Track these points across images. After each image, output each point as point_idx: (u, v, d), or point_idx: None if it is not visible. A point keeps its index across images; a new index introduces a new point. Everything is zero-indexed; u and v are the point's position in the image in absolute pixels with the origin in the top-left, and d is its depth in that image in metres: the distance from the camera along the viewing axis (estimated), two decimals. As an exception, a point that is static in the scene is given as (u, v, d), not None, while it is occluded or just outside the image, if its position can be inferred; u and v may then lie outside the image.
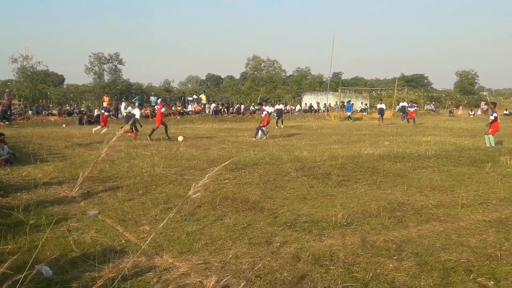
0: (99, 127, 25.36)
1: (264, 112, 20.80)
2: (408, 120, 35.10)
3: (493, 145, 16.71)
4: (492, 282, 4.45)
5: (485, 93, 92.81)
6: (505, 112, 52.72)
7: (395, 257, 5.17)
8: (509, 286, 4.36)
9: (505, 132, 23.92)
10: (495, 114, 17.56)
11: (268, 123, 20.89)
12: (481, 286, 4.37)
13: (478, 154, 13.95)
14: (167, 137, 19.93)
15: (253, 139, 20.11)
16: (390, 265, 4.95)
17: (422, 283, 4.44)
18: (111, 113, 30.40)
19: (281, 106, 32.24)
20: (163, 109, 21.20)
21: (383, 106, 35.54)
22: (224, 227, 6.46)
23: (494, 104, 19.51)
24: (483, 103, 60.77)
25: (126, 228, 6.46)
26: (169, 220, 6.63)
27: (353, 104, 44.76)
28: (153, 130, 20.23)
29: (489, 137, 17.00)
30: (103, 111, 27.52)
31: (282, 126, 29.78)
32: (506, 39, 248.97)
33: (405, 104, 39.39)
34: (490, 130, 17.20)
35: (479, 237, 5.91)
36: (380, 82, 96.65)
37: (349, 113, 41.73)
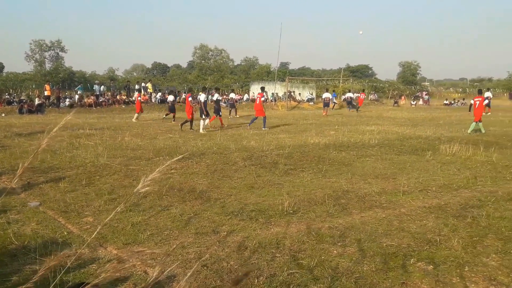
0: (136, 115, 25.61)
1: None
2: (357, 109, 37.24)
3: (483, 131, 17.76)
4: (431, 266, 4.62)
5: (426, 83, 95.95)
6: (445, 102, 54.80)
7: (339, 244, 5.28)
8: (447, 269, 4.53)
9: (446, 121, 24.88)
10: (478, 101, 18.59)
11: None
12: (421, 270, 4.53)
13: (419, 142, 14.42)
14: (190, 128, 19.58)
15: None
16: (334, 251, 5.05)
17: (365, 268, 4.55)
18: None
19: (233, 96, 32.39)
20: (190, 99, 20.67)
21: (328, 95, 36.28)
22: (170, 217, 6.39)
23: (480, 91, 20.69)
24: (424, 93, 62.73)
25: (68, 219, 6.28)
26: (114, 211, 6.51)
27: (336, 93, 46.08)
28: (186, 121, 19.85)
29: (478, 124, 18.02)
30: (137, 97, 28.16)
31: (236, 116, 29.83)
32: (447, 31, 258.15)
33: (351, 94, 40.67)
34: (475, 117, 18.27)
35: (419, 223, 6.11)
36: (326, 72, 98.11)
37: (334, 100, 43.24)
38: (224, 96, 46.00)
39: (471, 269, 4.54)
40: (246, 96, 48.32)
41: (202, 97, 20.09)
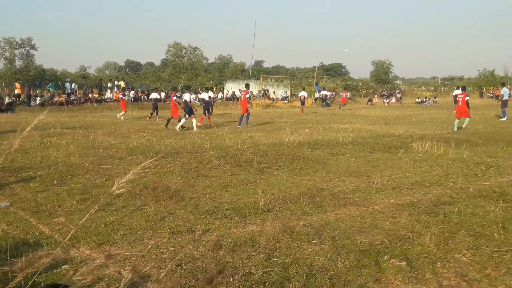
0: (122, 112, 25.52)
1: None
2: (341, 106, 39.37)
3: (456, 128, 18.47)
4: (404, 262, 4.66)
5: (399, 82, 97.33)
6: (417, 100, 55.65)
7: (314, 241, 5.30)
8: (420, 266, 4.58)
9: (418, 119, 25.25)
10: (467, 98, 19.23)
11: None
12: (394, 266, 4.57)
13: (392, 140, 14.60)
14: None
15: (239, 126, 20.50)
16: (309, 249, 5.06)
17: (339, 266, 4.57)
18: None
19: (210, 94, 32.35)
20: (175, 98, 20.95)
21: (305, 93, 36.76)
22: (144, 216, 6.32)
23: (464, 88, 21.76)
24: (397, 91, 63.54)
25: (40, 220, 6.15)
26: (86, 211, 6.41)
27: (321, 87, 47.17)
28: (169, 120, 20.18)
29: (465, 119, 18.91)
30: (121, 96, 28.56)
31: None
32: (419, 31, 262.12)
33: (326, 92, 41.46)
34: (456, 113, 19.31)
35: (392, 220, 6.18)
36: (300, 71, 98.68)
37: (317, 95, 45.67)
38: (198, 95, 45.81)
39: (444, 265, 4.60)
40: (220, 94, 48.15)
41: (186, 96, 20.05)
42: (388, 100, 54.70)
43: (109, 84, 42.16)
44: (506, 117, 23.97)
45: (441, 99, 58.80)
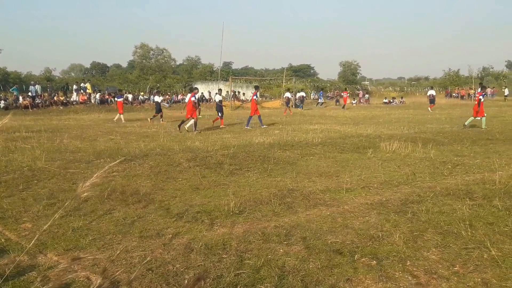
0: (118, 115, 25.27)
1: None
2: (344, 106, 41.71)
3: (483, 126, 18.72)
4: (374, 261, 4.71)
5: (366, 82, 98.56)
6: (384, 100, 56.45)
7: (285, 242, 5.30)
8: (390, 264, 4.64)
9: (385, 119, 25.60)
10: (480, 97, 19.49)
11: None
12: (365, 265, 4.61)
13: (360, 140, 14.75)
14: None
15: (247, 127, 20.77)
16: (281, 250, 5.06)
17: (311, 266, 4.59)
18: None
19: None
20: (193, 98, 20.09)
21: (288, 94, 37.67)
22: (113, 221, 6.22)
23: (484, 87, 22.30)
24: (360, 92, 64.16)
25: (5, 226, 5.99)
26: (53, 217, 6.26)
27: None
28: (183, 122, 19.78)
29: (481, 119, 19.03)
30: (116, 98, 27.83)
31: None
32: (386, 32, 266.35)
33: (303, 93, 42.94)
34: (478, 112, 19.17)
35: (362, 219, 6.23)
36: (269, 72, 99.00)
37: (320, 100, 48.57)
38: (167, 96, 45.47)
39: (413, 263, 4.66)
40: (161, 97, 47.71)
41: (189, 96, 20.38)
42: (356, 100, 55.32)
43: (75, 87, 41.43)
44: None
45: (408, 99, 59.80)
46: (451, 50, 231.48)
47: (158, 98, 26.63)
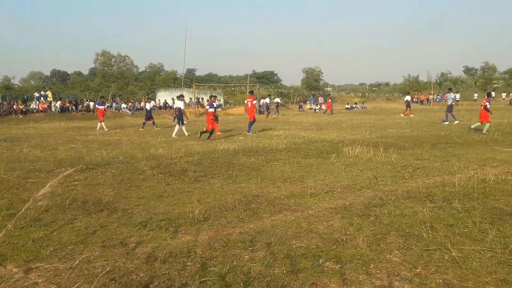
0: (99, 124, 24.91)
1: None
2: (329, 111, 42.77)
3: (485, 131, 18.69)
4: (339, 265, 4.75)
5: (329, 88, 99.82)
6: (346, 106, 57.24)
7: (250, 248, 5.29)
8: (354, 267, 4.68)
9: (348, 124, 25.95)
10: (487, 103, 19.72)
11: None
12: (329, 269, 4.65)
13: (324, 146, 14.90)
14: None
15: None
16: (246, 256, 5.05)
17: (276, 271, 4.59)
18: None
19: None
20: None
21: (267, 100, 38.53)
22: (74, 231, 6.08)
23: (489, 94, 22.69)
24: (321, 98, 64.58)
25: (-39, 239, 5.77)
26: (13, 228, 6.08)
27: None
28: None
29: (485, 125, 19.18)
30: (97, 105, 27.22)
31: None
32: (347, 38, 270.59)
33: (278, 100, 43.80)
34: (482, 118, 19.51)
35: (326, 223, 6.28)
36: (233, 79, 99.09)
37: (313, 105, 49.86)
38: (130, 104, 44.95)
39: (376, 266, 4.73)
40: (152, 103, 47.24)
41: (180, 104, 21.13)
42: (319, 106, 55.87)
43: (36, 94, 40.49)
44: (447, 122, 25.06)
45: (369, 104, 60.84)
46: (411, 56, 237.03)
47: (148, 106, 26.50)
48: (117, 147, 15.41)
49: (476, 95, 60.11)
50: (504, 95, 67.96)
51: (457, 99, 58.36)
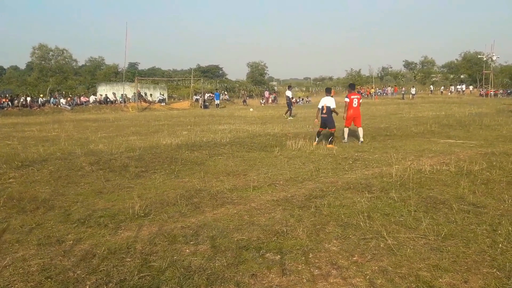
0: None
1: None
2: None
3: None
4: (279, 256, 4.81)
5: (274, 83, 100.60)
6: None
7: (191, 242, 5.27)
8: (294, 257, 4.76)
9: (291, 119, 26.23)
10: (346, 100, 15.23)
11: None
12: (269, 260, 4.70)
13: (268, 139, 15.01)
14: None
15: None
16: (187, 250, 5.03)
17: (217, 264, 4.60)
18: None
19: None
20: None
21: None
22: (9, 230, 5.85)
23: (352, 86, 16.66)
24: (266, 92, 64.99)
25: None
26: None
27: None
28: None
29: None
30: None
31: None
32: (291, 33, 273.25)
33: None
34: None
35: (268, 215, 6.34)
36: (177, 73, 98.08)
37: (217, 101, 48.21)
38: (69, 99, 43.63)
39: (315, 255, 4.82)
40: (92, 98, 46.04)
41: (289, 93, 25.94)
42: (264, 100, 56.25)
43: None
44: None
45: (314, 98, 61.73)
46: (352, 50, 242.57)
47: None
48: (55, 143, 14.91)
49: (413, 89, 62.34)
50: (442, 88, 71.38)
51: (413, 93, 60.37)
